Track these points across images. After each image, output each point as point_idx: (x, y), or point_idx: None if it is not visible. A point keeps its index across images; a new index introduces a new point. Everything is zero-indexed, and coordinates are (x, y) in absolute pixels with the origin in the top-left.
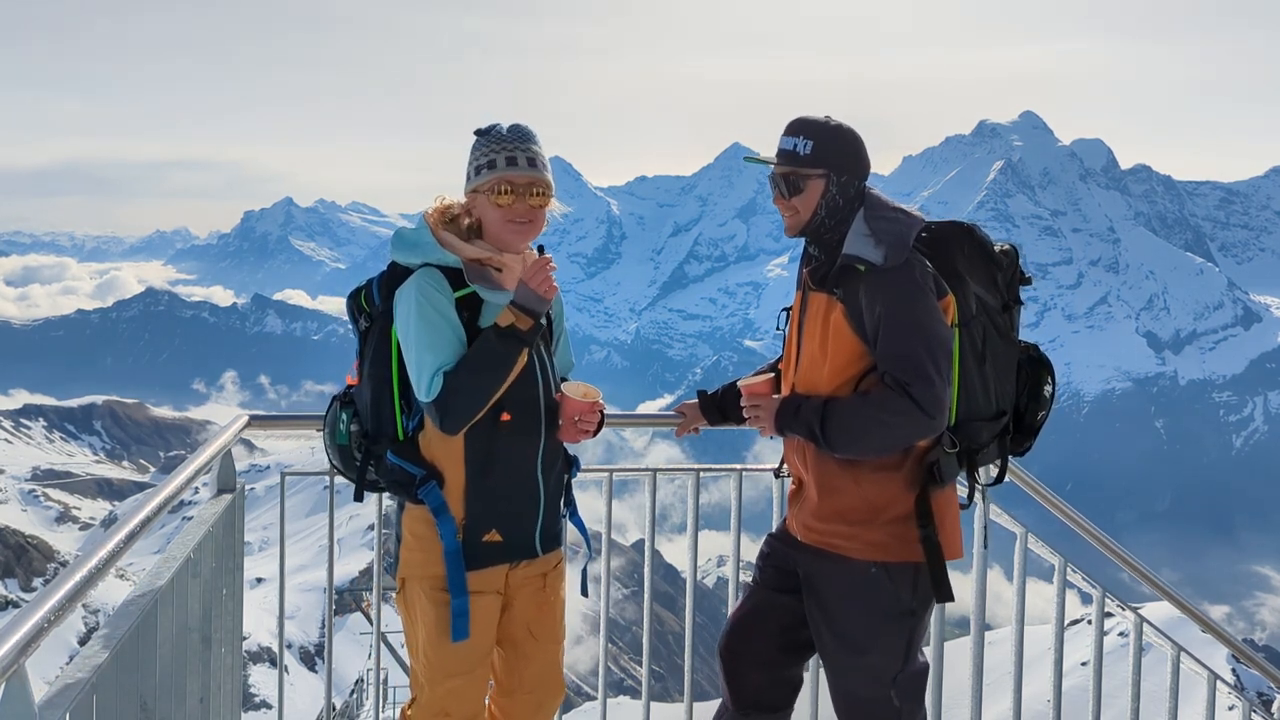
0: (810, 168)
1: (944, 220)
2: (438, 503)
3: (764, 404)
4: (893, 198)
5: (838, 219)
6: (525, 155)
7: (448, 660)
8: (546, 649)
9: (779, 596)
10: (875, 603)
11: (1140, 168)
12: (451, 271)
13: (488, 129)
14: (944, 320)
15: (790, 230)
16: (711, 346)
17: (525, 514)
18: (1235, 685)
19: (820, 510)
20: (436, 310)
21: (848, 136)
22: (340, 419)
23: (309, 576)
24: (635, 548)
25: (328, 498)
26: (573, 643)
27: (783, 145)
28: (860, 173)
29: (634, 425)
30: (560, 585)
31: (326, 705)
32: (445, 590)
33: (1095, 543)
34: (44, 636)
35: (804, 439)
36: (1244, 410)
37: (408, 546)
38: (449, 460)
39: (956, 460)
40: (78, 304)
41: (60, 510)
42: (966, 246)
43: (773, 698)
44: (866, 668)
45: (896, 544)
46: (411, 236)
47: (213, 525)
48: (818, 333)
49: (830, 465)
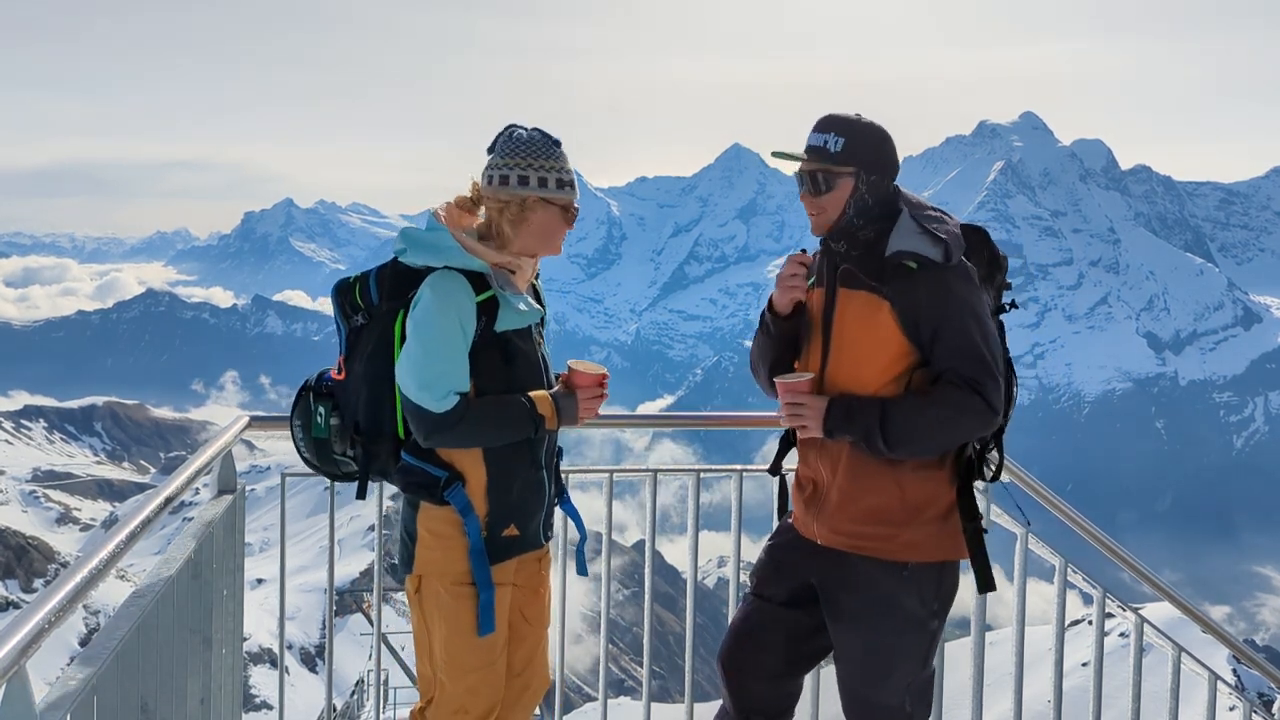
0: (841, 165)
1: (963, 223)
2: (464, 503)
3: (810, 403)
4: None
5: (867, 217)
6: (574, 180)
7: (469, 655)
8: (536, 631)
9: (786, 610)
10: (902, 606)
11: (1140, 168)
12: (472, 275)
13: (556, 142)
14: (991, 317)
15: (817, 228)
16: (712, 347)
17: (536, 507)
18: (1236, 686)
19: (853, 511)
20: (459, 321)
21: (879, 135)
22: (317, 411)
23: (309, 577)
24: (636, 548)
25: (328, 499)
26: (572, 642)
27: (812, 141)
28: (891, 172)
29: (635, 425)
30: (549, 571)
31: (327, 706)
32: (469, 584)
33: (1096, 543)
34: (45, 637)
35: (856, 440)
36: (1244, 411)
37: (425, 545)
38: (469, 460)
39: (979, 458)
40: (78, 305)
41: (61, 511)
42: (985, 251)
43: (775, 706)
44: (888, 673)
45: (929, 543)
46: (430, 240)
47: (213, 526)
48: (858, 332)
49: (869, 466)
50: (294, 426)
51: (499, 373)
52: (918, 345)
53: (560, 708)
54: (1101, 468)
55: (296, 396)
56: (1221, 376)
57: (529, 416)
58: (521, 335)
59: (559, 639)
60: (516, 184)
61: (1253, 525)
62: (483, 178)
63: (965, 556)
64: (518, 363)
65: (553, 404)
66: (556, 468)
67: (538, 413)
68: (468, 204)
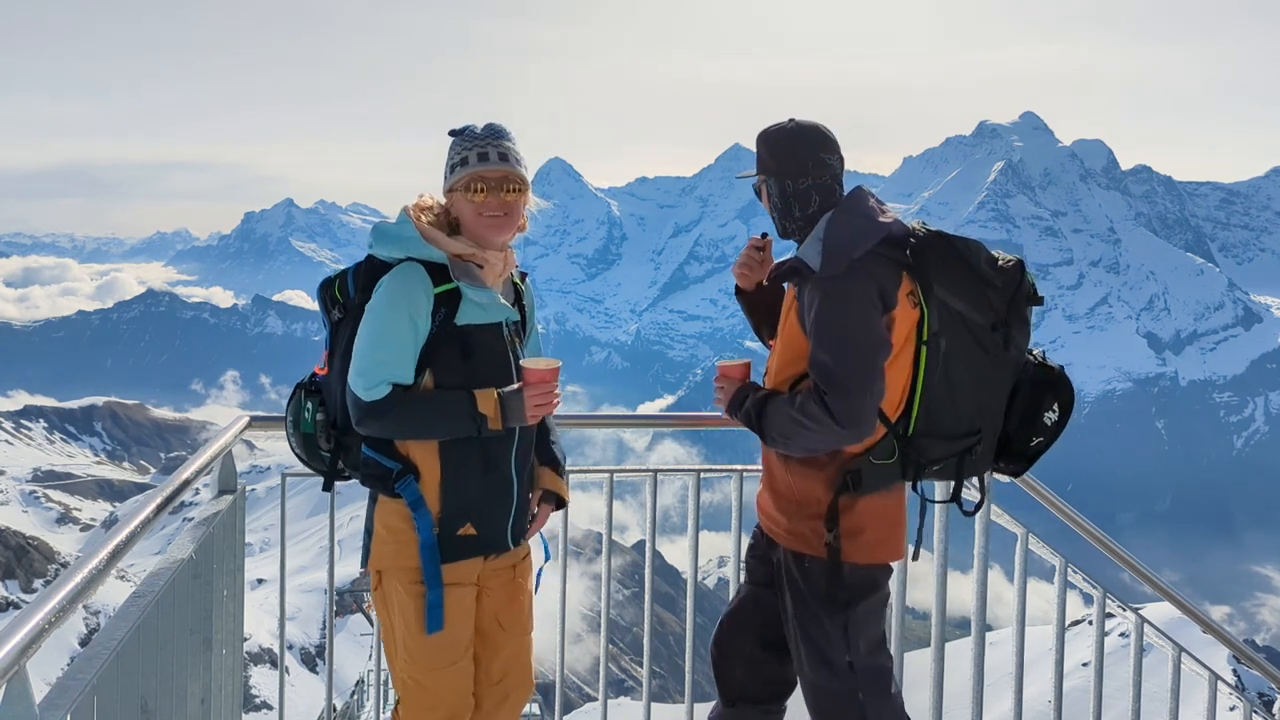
0: (759, 173)
1: (931, 231)
2: (414, 497)
3: (726, 386)
4: (888, 200)
5: (791, 220)
6: (497, 151)
7: (428, 653)
8: (514, 639)
9: (762, 591)
10: (811, 593)
11: (1141, 168)
12: (434, 267)
13: (461, 129)
14: (879, 333)
15: (780, 232)
16: (712, 347)
17: (499, 509)
18: (1236, 686)
19: (763, 497)
20: (408, 313)
21: (792, 138)
22: (305, 407)
23: (309, 578)
24: (636, 548)
25: (328, 499)
26: (572, 642)
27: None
28: (810, 173)
29: (636, 426)
30: (529, 576)
31: (327, 706)
32: (421, 583)
33: (1096, 543)
34: (45, 638)
35: (748, 427)
36: (1245, 411)
37: (380, 539)
38: (424, 455)
39: (893, 471)
40: (78, 305)
41: (61, 511)
42: (945, 259)
43: (758, 693)
44: (814, 657)
45: (814, 538)
46: (394, 230)
47: (213, 526)
48: (782, 325)
49: (771, 455)
50: (287, 423)
51: (457, 367)
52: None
53: (560, 708)
54: (1101, 468)
55: (291, 393)
56: (1222, 376)
57: (468, 414)
58: (487, 331)
59: (559, 639)
60: (448, 176)
61: (1253, 525)
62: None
63: (856, 560)
64: (478, 358)
65: (497, 402)
66: (533, 472)
67: (478, 410)
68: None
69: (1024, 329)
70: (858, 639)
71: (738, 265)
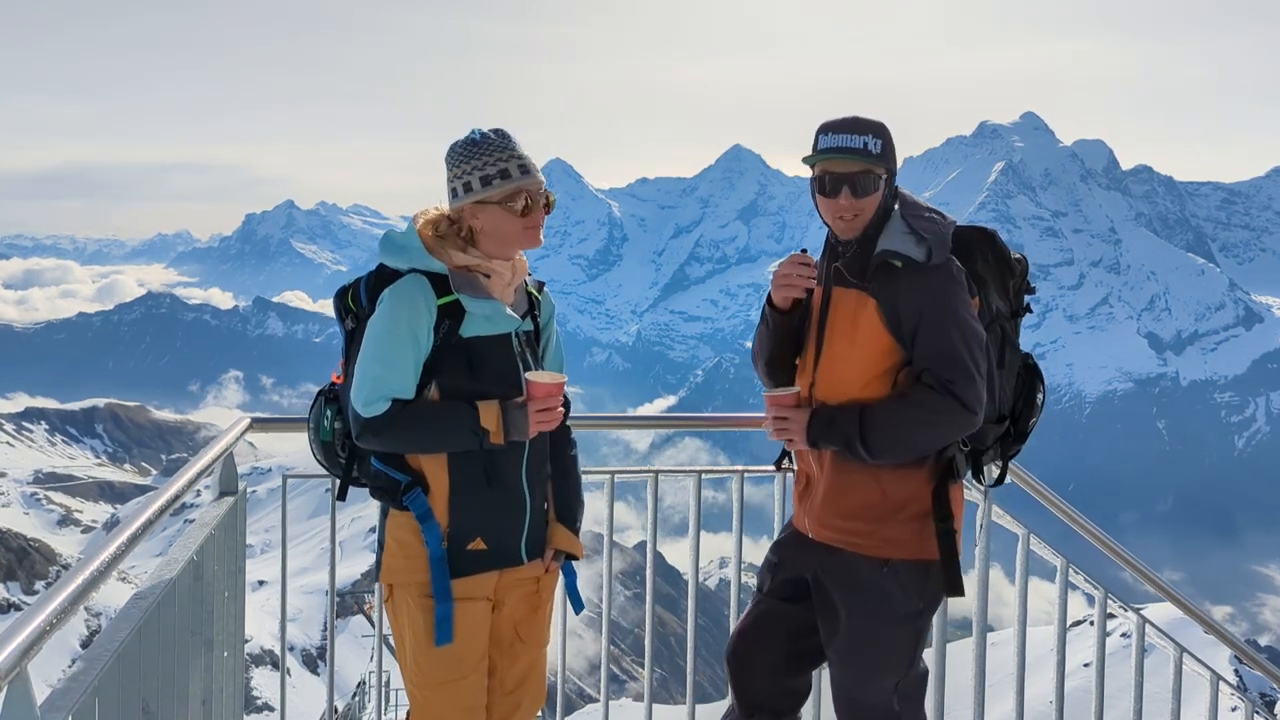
0: (880, 166)
1: (969, 224)
2: (423, 510)
3: (793, 416)
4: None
5: (886, 214)
6: (531, 163)
7: (438, 667)
8: (531, 651)
9: (786, 606)
10: (886, 602)
11: (1141, 168)
12: (438, 278)
13: (480, 139)
14: (978, 319)
15: (850, 231)
16: (713, 348)
17: (511, 522)
18: (1238, 686)
19: (838, 506)
20: (409, 327)
21: (891, 136)
22: (325, 415)
23: (311, 579)
24: (637, 549)
25: (330, 500)
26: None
27: (850, 144)
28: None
29: (637, 427)
30: (553, 591)
31: (329, 708)
32: (430, 596)
33: (1097, 543)
34: (46, 640)
35: (839, 449)
36: (1246, 411)
37: (391, 553)
38: (434, 467)
39: (965, 458)
40: (79, 307)
41: (62, 513)
42: (989, 252)
43: (778, 704)
44: (873, 670)
45: (912, 541)
46: (400, 240)
47: (214, 528)
48: (846, 329)
49: (852, 462)
50: (309, 428)
51: (463, 379)
52: (901, 343)
53: (561, 709)
54: (1103, 468)
55: (314, 399)
56: (1223, 377)
57: (469, 428)
58: (494, 342)
59: (559, 639)
60: (462, 194)
61: (1254, 525)
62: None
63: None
64: (485, 371)
65: (499, 415)
66: (547, 484)
67: (480, 424)
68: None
69: (1022, 317)
70: (920, 652)
71: (783, 282)
